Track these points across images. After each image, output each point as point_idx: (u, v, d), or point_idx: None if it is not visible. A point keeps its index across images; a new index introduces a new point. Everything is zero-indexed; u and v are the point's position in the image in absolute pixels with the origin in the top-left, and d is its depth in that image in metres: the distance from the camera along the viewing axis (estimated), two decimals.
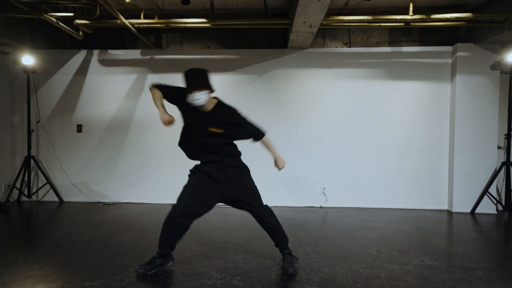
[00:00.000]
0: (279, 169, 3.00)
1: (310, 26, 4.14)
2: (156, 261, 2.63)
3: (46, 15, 4.10)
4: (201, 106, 2.59)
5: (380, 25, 4.57)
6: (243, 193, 2.73)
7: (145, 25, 4.62)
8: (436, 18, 4.24)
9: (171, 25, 4.63)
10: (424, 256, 3.04)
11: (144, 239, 3.47)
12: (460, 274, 2.66)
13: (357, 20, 4.40)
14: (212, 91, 2.62)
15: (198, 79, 2.57)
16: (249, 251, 3.15)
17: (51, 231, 3.82)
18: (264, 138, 2.87)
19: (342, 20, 4.39)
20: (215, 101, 2.69)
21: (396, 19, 4.31)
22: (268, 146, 2.93)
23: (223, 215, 4.58)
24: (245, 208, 2.75)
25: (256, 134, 2.82)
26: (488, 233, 3.92)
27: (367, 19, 4.38)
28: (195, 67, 2.71)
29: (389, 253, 3.13)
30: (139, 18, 4.72)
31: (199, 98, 2.51)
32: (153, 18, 4.62)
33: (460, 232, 3.94)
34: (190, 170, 2.81)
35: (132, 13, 4.86)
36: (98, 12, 4.21)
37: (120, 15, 4.17)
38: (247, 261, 2.90)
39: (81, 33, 4.89)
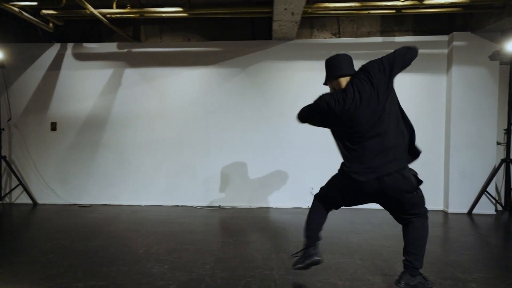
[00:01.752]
0: None
1: (293, 13, 3.82)
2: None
3: (6, 5, 3.80)
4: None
5: (369, 13, 4.24)
6: None
7: (117, 15, 4.31)
8: (430, 4, 3.90)
9: (146, 15, 4.33)
10: None
11: (109, 247, 3.18)
12: (450, 287, 2.36)
13: (344, 7, 4.08)
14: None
15: (348, 65, 2.26)
16: (220, 260, 2.86)
17: (13, 237, 3.54)
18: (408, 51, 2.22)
19: (328, 7, 4.06)
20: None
21: (386, 5, 3.98)
22: None
23: (203, 218, 4.30)
24: None
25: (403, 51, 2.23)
26: (486, 237, 3.61)
27: (355, 6, 4.05)
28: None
29: (374, 262, 2.83)
30: (111, 7, 4.40)
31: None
32: (125, 7, 4.30)
33: (455, 236, 3.64)
34: None
35: (106, 3, 4.55)
36: (64, 1, 3.90)
37: (88, 4, 3.86)
38: (215, 273, 2.60)
39: (51, 25, 4.59)
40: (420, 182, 2.18)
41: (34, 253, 3.02)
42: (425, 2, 3.89)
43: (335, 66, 2.22)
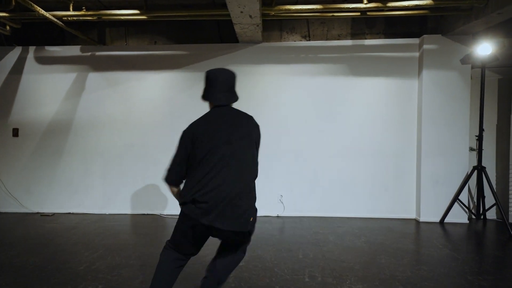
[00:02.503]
0: None
1: (250, 16, 3.66)
2: None
3: None
4: None
5: (333, 15, 4.08)
6: None
7: (74, 18, 4.15)
8: (394, 7, 3.75)
9: (103, 17, 4.16)
10: (362, 284, 2.59)
11: (50, 263, 3.02)
12: None
13: (307, 9, 3.92)
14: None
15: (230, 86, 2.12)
16: None
17: None
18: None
19: (290, 10, 3.91)
20: None
21: (349, 8, 3.82)
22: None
23: (165, 228, 4.15)
24: None
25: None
26: (450, 249, 3.45)
27: (318, 9, 3.89)
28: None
29: (323, 280, 2.68)
30: (68, 10, 4.25)
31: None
32: (81, 10, 4.14)
33: (418, 248, 3.48)
34: None
35: (66, 5, 4.39)
36: (13, 3, 3.74)
37: (36, 6, 3.70)
38: None
39: (7, 27, 4.44)
40: None
41: None
42: (388, 5, 3.73)
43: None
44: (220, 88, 2.03)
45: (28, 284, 2.59)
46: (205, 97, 2.10)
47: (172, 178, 2.02)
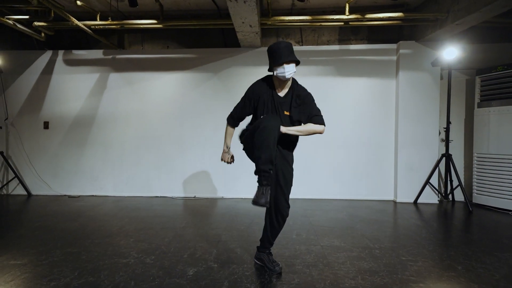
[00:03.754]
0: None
1: (250, 26, 4.38)
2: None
3: (2, 18, 4.37)
4: (283, 83, 2.50)
5: (321, 24, 4.81)
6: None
7: (100, 26, 4.88)
8: (370, 18, 4.47)
9: (126, 26, 4.89)
10: (336, 239, 3.30)
11: (87, 226, 3.74)
12: (357, 253, 2.92)
13: (298, 20, 4.65)
14: (298, 62, 2.48)
15: (290, 51, 2.46)
16: (178, 235, 3.42)
17: (7, 220, 4.10)
18: (317, 126, 2.53)
19: (284, 20, 4.63)
20: (288, 83, 2.54)
21: (333, 19, 4.55)
22: (305, 126, 2.54)
23: (177, 206, 4.87)
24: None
25: (319, 120, 2.54)
26: (413, 220, 4.15)
27: (308, 19, 4.62)
28: (281, 41, 2.51)
29: (307, 236, 3.39)
30: (95, 20, 4.99)
31: (290, 70, 2.40)
32: (107, 19, 4.87)
33: (389, 219, 4.19)
34: None
35: (92, 15, 5.14)
36: (52, 15, 4.48)
37: (72, 17, 4.44)
38: (170, 244, 3.17)
39: (43, 34, 5.17)
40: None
41: (23, 230, 3.58)
42: (367, 16, 4.45)
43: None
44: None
45: (74, 238, 3.31)
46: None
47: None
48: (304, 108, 2.54)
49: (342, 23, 4.79)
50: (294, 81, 2.60)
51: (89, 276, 2.44)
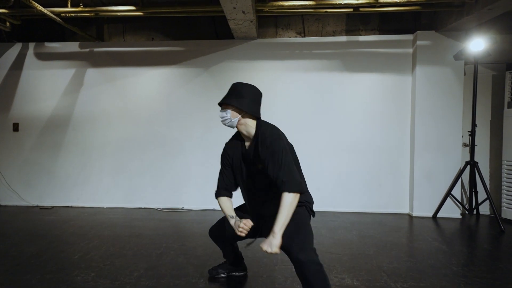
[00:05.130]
0: (263, 249, 1.83)
1: (244, 12, 3.72)
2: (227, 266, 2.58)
3: None
4: (243, 133, 2.13)
5: (326, 11, 4.13)
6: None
7: (72, 14, 4.23)
8: (385, 3, 3.79)
9: (100, 13, 4.25)
10: (347, 273, 2.65)
11: (45, 253, 3.10)
12: None
13: (299, 5, 3.97)
14: (243, 112, 2.06)
15: (228, 94, 2.13)
16: (151, 268, 2.77)
17: None
18: (290, 197, 1.84)
19: (283, 6, 3.96)
20: (251, 133, 2.10)
21: (341, 4, 3.87)
22: (282, 210, 1.83)
23: (160, 221, 4.23)
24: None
25: (288, 187, 1.85)
26: (436, 242, 3.49)
27: (311, 5, 3.94)
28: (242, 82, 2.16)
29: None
30: (66, 6, 4.33)
31: (221, 116, 2.11)
32: (78, 6, 4.22)
33: (408, 241, 3.53)
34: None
35: (63, 1, 4.49)
36: (11, 0, 3.83)
37: (35, 3, 3.78)
38: (139, 281, 2.52)
39: (8, 24, 4.53)
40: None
41: None
42: (380, 1, 3.77)
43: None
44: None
45: (23, 272, 2.67)
46: (256, 112, 2.10)
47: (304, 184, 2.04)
48: (271, 162, 1.93)
49: (351, 10, 4.11)
50: (258, 124, 2.08)
51: None
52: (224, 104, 2.08)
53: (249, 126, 2.08)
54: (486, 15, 3.76)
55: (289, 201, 1.83)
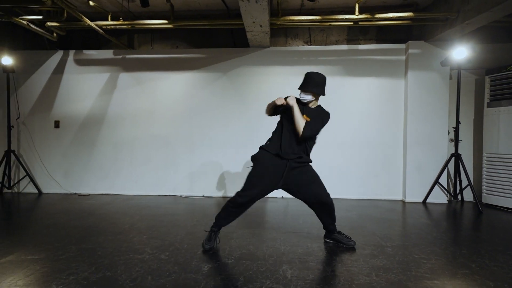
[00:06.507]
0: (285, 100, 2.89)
1: (261, 26, 4.41)
2: (215, 234, 3.03)
3: (16, 19, 4.44)
4: (305, 105, 2.98)
5: (330, 24, 4.83)
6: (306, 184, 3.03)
7: (112, 27, 4.93)
8: (380, 18, 4.49)
9: (136, 26, 4.94)
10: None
11: (100, 224, 3.78)
12: (369, 251, 2.93)
13: (307, 20, 4.67)
14: (317, 96, 2.97)
15: (307, 81, 2.93)
16: (190, 233, 3.45)
17: (20, 217, 4.15)
18: (301, 129, 2.87)
19: (293, 20, 4.66)
20: (317, 104, 3.04)
21: (343, 18, 4.57)
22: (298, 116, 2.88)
23: (186, 205, 4.91)
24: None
25: (308, 124, 2.89)
26: (423, 219, 4.16)
27: (317, 19, 4.64)
28: (316, 71, 3.01)
29: (318, 234, 3.40)
30: (107, 20, 5.04)
31: (305, 98, 2.93)
32: (118, 20, 4.92)
33: (398, 218, 4.19)
34: (255, 159, 3.00)
35: (103, 15, 5.20)
36: (65, 15, 4.54)
37: (85, 18, 4.49)
38: (183, 240, 3.20)
39: (55, 34, 5.23)
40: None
41: (38, 227, 3.63)
42: (376, 16, 4.47)
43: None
44: None
45: (88, 235, 3.35)
46: (324, 93, 3.00)
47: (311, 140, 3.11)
48: (314, 119, 2.93)
49: (352, 23, 4.81)
50: (319, 106, 3.07)
51: (106, 271, 2.48)
52: (307, 90, 2.91)
53: (315, 102, 3.02)
54: (466, 28, 4.44)
55: (301, 123, 2.83)
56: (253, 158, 3.00)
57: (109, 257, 2.76)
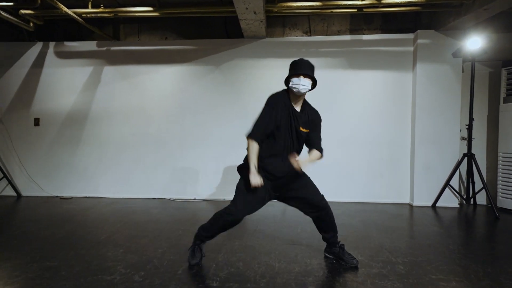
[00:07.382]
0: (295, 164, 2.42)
1: (255, 12, 3.98)
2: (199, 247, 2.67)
3: None
4: (297, 98, 2.51)
5: (332, 12, 4.39)
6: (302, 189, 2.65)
7: (92, 15, 4.50)
8: (387, 3, 4.05)
9: (119, 14, 4.52)
10: (352, 251, 2.90)
11: (74, 234, 3.38)
12: (378, 269, 2.53)
13: (307, 6, 4.23)
14: (315, 85, 2.54)
15: (309, 66, 2.49)
16: (172, 246, 3.04)
17: None
18: (319, 155, 2.58)
19: (291, 6, 4.22)
20: (302, 99, 2.57)
21: (346, 4, 4.13)
22: (313, 155, 2.57)
23: (174, 210, 4.50)
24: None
25: (320, 146, 2.61)
26: (435, 227, 3.75)
27: (317, 5, 4.20)
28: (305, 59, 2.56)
29: (318, 247, 3.00)
30: (87, 7, 4.60)
31: (305, 84, 2.42)
32: (99, 7, 4.49)
33: (407, 226, 3.78)
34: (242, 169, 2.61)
35: (84, 3, 4.76)
36: (39, 1, 4.11)
37: (60, 4, 4.06)
38: (164, 256, 2.79)
39: (31, 24, 4.80)
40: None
41: (2, 238, 3.23)
42: (383, 1, 4.03)
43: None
44: None
45: (56, 249, 2.95)
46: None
47: None
48: (313, 128, 2.60)
49: (355, 10, 4.36)
50: (305, 100, 2.61)
51: None
52: (308, 76, 2.43)
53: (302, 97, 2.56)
54: (482, 15, 4.00)
55: (318, 156, 2.56)
56: (240, 168, 2.58)
57: (73, 279, 2.35)
